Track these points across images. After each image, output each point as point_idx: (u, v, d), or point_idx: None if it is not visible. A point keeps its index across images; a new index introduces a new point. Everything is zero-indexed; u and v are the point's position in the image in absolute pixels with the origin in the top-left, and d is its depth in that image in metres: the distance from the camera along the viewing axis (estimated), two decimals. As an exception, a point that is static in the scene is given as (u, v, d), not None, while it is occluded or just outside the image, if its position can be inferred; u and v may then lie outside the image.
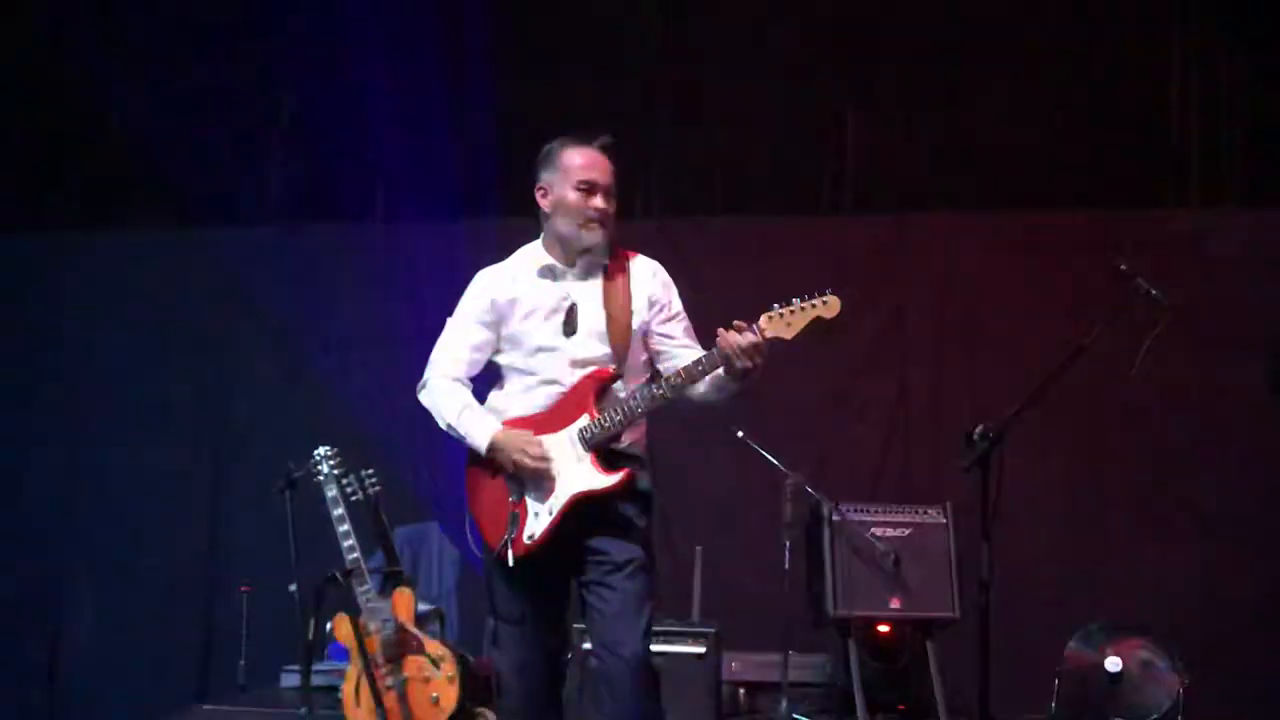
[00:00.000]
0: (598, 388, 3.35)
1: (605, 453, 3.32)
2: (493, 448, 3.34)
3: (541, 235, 3.51)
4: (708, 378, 3.30)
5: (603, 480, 3.28)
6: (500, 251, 3.64)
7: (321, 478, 4.60)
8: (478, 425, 3.39)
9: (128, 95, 6.99)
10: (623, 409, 3.30)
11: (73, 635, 6.65)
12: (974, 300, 6.35)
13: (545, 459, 3.28)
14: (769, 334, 3.19)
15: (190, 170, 6.83)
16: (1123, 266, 3.31)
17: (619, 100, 6.57)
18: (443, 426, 3.46)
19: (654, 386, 3.32)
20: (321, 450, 4.64)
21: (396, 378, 6.27)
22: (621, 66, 6.69)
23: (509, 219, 6.14)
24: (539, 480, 3.31)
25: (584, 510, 3.29)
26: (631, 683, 3.22)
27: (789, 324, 3.20)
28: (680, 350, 3.45)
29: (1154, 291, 3.26)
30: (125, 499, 6.75)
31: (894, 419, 6.33)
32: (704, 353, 3.30)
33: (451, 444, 3.53)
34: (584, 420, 3.31)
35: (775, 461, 5.36)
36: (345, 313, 6.73)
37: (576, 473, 3.29)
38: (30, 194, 7.12)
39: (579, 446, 3.30)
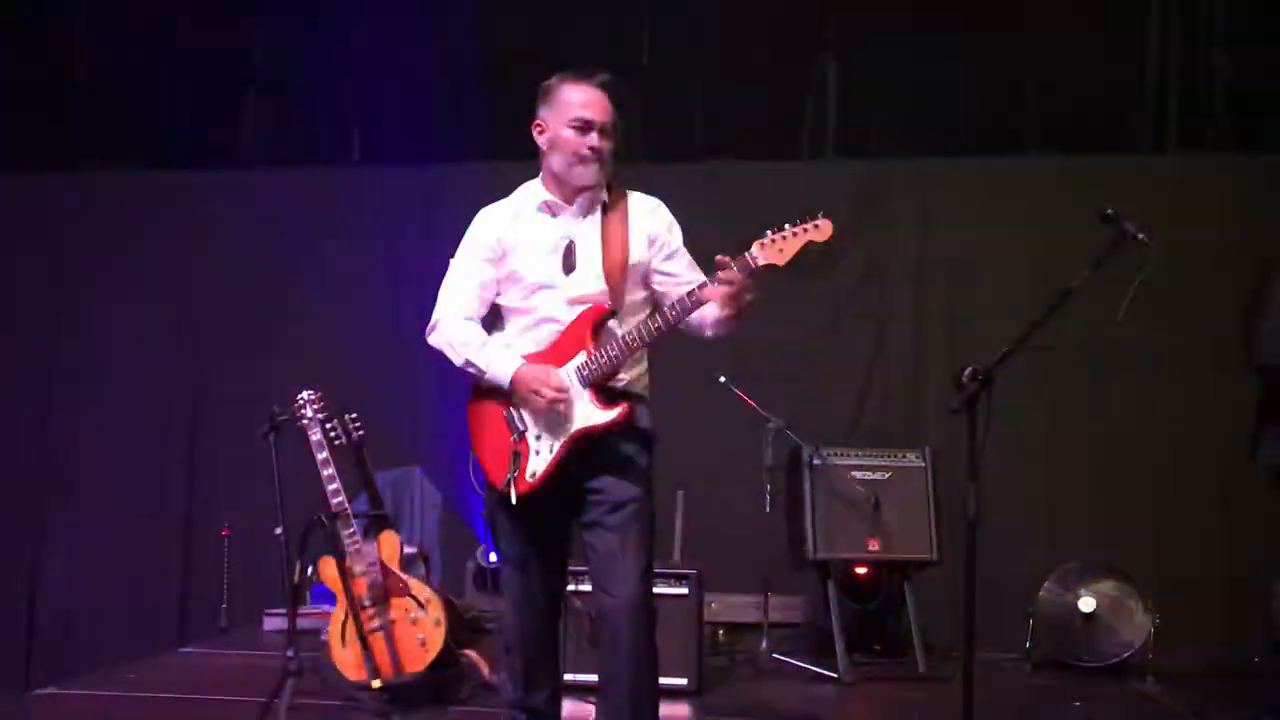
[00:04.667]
0: (594, 323, 3.33)
1: (604, 390, 3.31)
2: (515, 381, 3.32)
3: (541, 172, 3.48)
4: (704, 311, 3.29)
5: (602, 415, 3.28)
6: (480, 193, 3.60)
7: (305, 421, 4.53)
8: (500, 358, 3.36)
9: (101, 36, 6.88)
10: (619, 343, 3.29)
11: (51, 579, 6.63)
12: (953, 246, 6.38)
13: (563, 390, 3.27)
14: (761, 261, 3.18)
15: (164, 112, 6.75)
16: (1109, 210, 3.33)
17: (600, 44, 6.50)
18: (459, 363, 3.42)
19: (650, 320, 3.32)
20: (305, 394, 4.57)
21: (376, 321, 6.34)
22: (603, 9, 6.62)
23: (487, 162, 6.13)
24: (542, 418, 3.31)
25: (585, 448, 3.30)
26: (626, 621, 3.26)
27: (781, 250, 3.19)
28: (685, 287, 3.39)
29: (1140, 235, 3.28)
30: (103, 442, 6.72)
31: (873, 364, 6.38)
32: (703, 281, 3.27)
33: (435, 389, 3.51)
34: (581, 357, 3.31)
35: (756, 405, 5.40)
36: (324, 255, 6.67)
37: (576, 409, 3.29)
38: (2, 135, 7.01)
39: (577, 383, 3.30)
